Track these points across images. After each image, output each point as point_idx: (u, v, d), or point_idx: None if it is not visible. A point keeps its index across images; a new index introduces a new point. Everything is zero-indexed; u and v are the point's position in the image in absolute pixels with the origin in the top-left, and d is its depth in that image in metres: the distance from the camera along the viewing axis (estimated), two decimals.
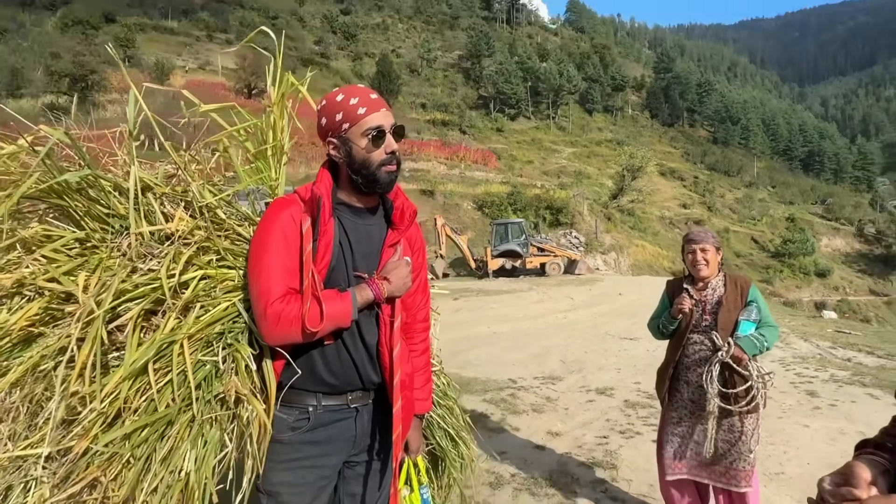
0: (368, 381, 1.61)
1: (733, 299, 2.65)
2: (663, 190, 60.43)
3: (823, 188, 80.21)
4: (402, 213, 1.64)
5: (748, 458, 2.56)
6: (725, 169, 75.08)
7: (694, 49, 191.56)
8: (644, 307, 13.15)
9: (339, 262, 1.55)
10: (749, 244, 54.24)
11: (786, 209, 65.21)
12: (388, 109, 1.55)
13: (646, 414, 4.91)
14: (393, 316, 1.60)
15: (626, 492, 3.43)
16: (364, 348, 1.59)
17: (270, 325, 1.38)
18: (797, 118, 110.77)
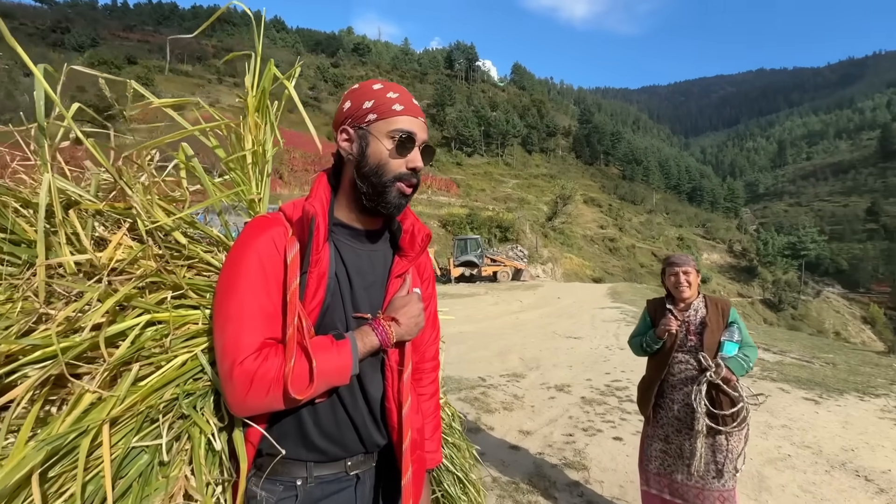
0: (372, 444, 1.02)
1: (716, 320, 2.20)
2: (586, 214, 61.73)
3: (703, 215, 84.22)
4: (412, 236, 1.07)
5: (734, 476, 2.10)
6: (632, 199, 77.66)
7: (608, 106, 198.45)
8: (579, 309, 12.96)
9: (334, 299, 0.96)
10: (650, 257, 55.91)
11: (676, 230, 67.90)
12: (424, 122, 0.99)
13: (602, 410, 4.46)
14: (402, 364, 1.03)
15: (601, 494, 2.93)
16: (366, 405, 1.00)
17: (239, 390, 0.82)
18: (684, 162, 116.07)
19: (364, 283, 1.00)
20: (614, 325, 9.84)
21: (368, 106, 0.93)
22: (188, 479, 0.78)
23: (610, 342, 7.95)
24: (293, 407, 0.88)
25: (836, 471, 3.22)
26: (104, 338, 0.77)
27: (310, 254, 0.90)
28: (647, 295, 18.98)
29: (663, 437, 2.25)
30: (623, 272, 45.37)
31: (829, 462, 3.34)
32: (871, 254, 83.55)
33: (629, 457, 3.41)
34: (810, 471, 3.21)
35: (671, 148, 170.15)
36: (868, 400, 4.74)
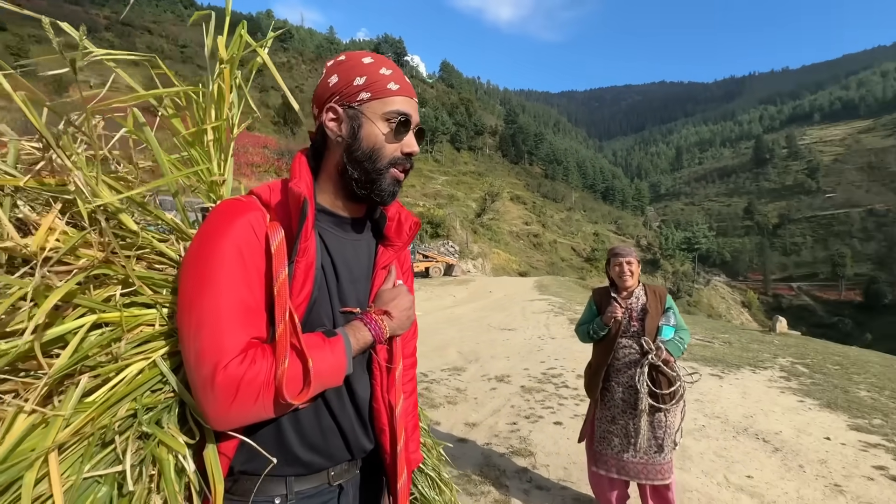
0: (359, 450, 0.94)
1: (655, 306, 2.39)
2: (512, 211, 64.35)
3: (615, 212, 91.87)
4: (398, 225, 1.00)
5: (672, 450, 2.30)
6: (553, 197, 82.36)
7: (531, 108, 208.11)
8: (510, 302, 13.46)
9: (321, 293, 0.87)
10: (570, 251, 59.86)
11: (593, 227, 73.33)
12: (416, 102, 0.91)
13: (541, 398, 4.66)
14: (390, 361, 0.96)
15: (547, 478, 3.05)
16: (353, 408, 0.92)
17: (222, 399, 0.70)
18: (598, 163, 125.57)
19: (350, 275, 0.92)
20: (544, 316, 10.35)
21: (360, 83, 0.84)
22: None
23: (542, 332, 8.35)
24: (281, 415, 0.78)
25: (741, 436, 3.68)
26: (41, 341, 0.64)
27: (298, 242, 0.80)
28: (571, 287, 20.25)
29: (610, 418, 2.39)
30: (546, 266, 48.04)
31: (734, 429, 3.81)
32: (748, 247, 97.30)
33: (569, 440, 3.60)
34: (721, 438, 3.63)
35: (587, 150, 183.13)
36: (759, 372, 5.50)
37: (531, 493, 2.86)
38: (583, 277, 52.34)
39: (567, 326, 8.75)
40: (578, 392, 4.75)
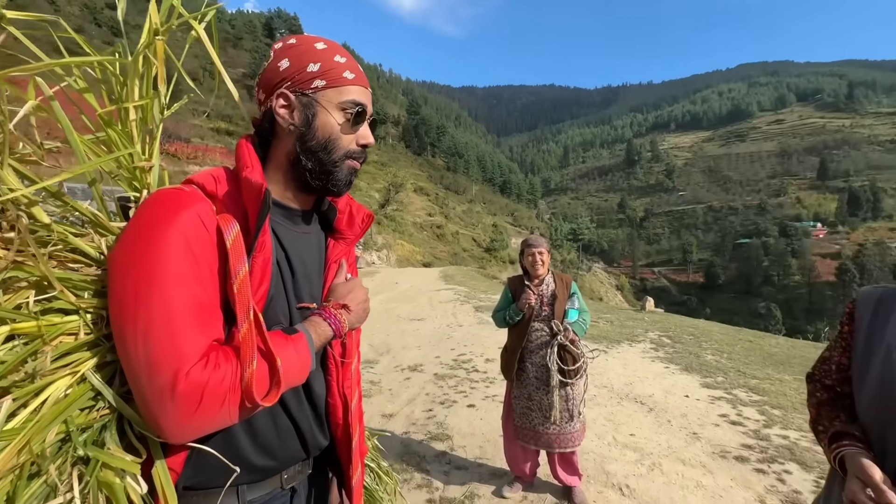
0: (315, 448, 0.92)
1: (562, 292, 2.65)
2: (415, 202, 64.76)
3: (512, 205, 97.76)
4: (350, 217, 0.99)
5: (580, 418, 2.60)
6: (455, 189, 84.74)
7: (433, 101, 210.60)
8: (417, 293, 13.62)
9: (277, 289, 0.84)
10: (472, 242, 62.30)
11: (492, 218, 77.17)
12: (371, 93, 0.90)
13: (453, 383, 4.85)
14: (345, 355, 0.96)
15: (465, 458, 3.22)
16: (310, 405, 0.90)
17: (184, 409, 0.65)
18: (497, 158, 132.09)
19: (305, 269, 0.90)
20: (451, 305, 10.69)
21: (315, 70, 0.81)
22: None
23: (450, 321, 8.64)
24: (243, 420, 0.74)
25: (624, 401, 4.27)
26: None
27: (258, 235, 0.75)
28: (475, 277, 21.15)
29: (527, 395, 2.61)
30: (449, 256, 49.43)
31: (618, 395, 4.41)
32: (621, 237, 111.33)
33: (482, 420, 3.83)
34: (609, 404, 4.17)
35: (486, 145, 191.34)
36: (635, 345, 6.41)
37: (451, 473, 3.00)
38: (483, 267, 55.09)
39: (473, 314, 9.18)
40: (488, 375, 5.05)
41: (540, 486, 2.81)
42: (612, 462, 3.11)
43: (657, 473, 2.98)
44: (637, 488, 2.80)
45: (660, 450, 3.29)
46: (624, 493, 2.76)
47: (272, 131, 0.85)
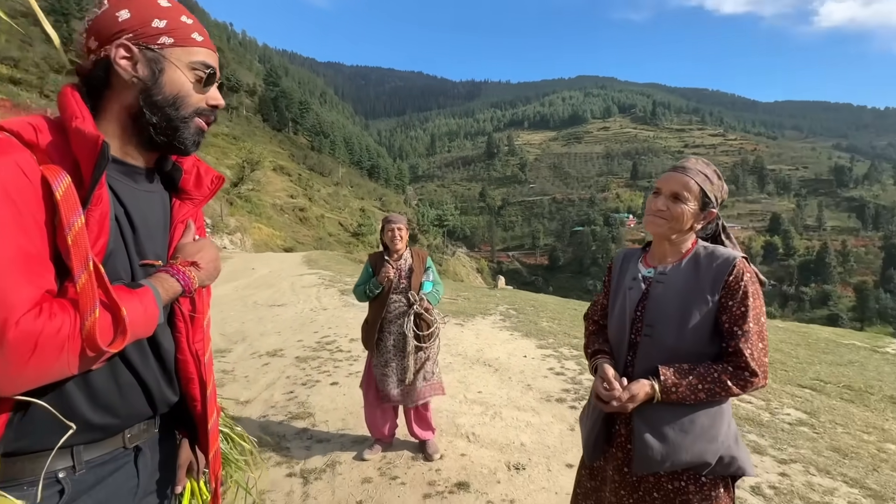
0: (163, 404, 0.94)
1: (419, 266, 2.90)
2: (275, 182, 59.78)
3: (380, 190, 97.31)
4: (198, 178, 1.01)
5: (433, 375, 2.90)
6: (321, 170, 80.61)
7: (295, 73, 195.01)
8: (278, 278, 12.84)
9: (117, 245, 0.83)
10: (338, 226, 60.35)
11: (359, 202, 75.71)
12: (217, 56, 0.93)
13: (317, 364, 4.83)
14: (195, 311, 0.99)
15: (327, 431, 3.30)
16: (157, 361, 0.91)
17: (16, 358, 0.63)
18: (365, 141, 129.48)
19: (147, 227, 0.90)
20: (315, 290, 10.37)
21: (161, 26, 0.82)
22: None
23: (314, 305, 8.41)
24: (85, 370, 0.74)
25: (475, 365, 4.82)
26: None
27: (92, 189, 0.75)
28: (341, 261, 20.67)
29: (384, 362, 2.81)
30: (314, 241, 47.18)
31: (470, 361, 4.95)
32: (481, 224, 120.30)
33: (346, 395, 3.94)
34: (462, 369, 4.67)
35: (354, 126, 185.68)
36: (487, 318, 7.20)
37: (312, 447, 3.06)
38: (350, 252, 54.09)
39: (339, 297, 9.09)
40: (352, 354, 5.14)
41: (398, 445, 3.06)
42: (462, 416, 3.54)
43: (498, 420, 3.50)
44: (481, 434, 3.26)
45: (501, 401, 3.85)
46: (470, 439, 3.19)
47: (106, 82, 0.83)
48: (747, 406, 4.00)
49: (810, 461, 3.00)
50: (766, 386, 1.22)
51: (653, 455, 1.17)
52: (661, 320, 1.23)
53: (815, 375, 5.09)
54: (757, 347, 1.15)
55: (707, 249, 1.26)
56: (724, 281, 1.18)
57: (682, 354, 1.20)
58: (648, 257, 1.37)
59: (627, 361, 1.29)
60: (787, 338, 7.01)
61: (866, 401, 4.35)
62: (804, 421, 3.72)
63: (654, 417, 1.19)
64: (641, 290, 1.30)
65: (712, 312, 1.18)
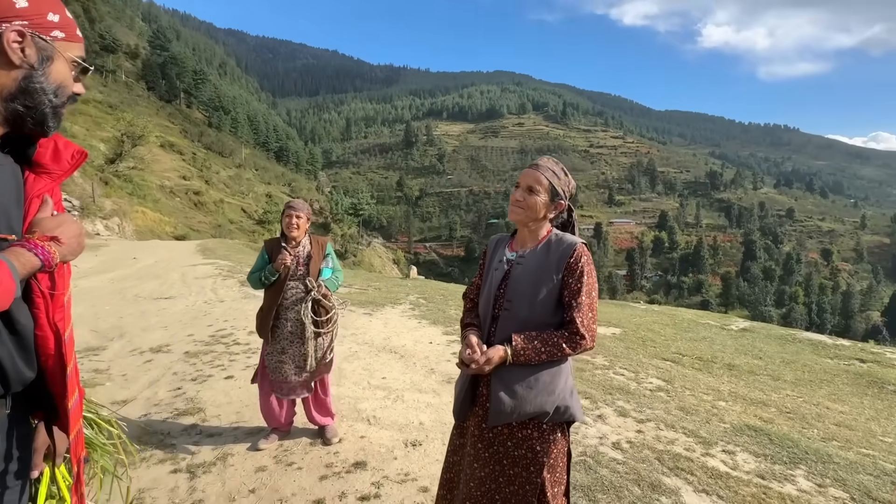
0: (18, 382, 0.94)
1: (318, 253, 2.94)
2: (163, 161, 53.62)
3: (289, 175, 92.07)
4: (56, 152, 1.01)
5: (330, 363, 2.97)
6: (220, 150, 74.01)
7: (189, 37, 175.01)
8: (166, 269, 11.75)
9: None
10: (240, 213, 56.08)
11: (266, 187, 71.08)
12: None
13: (209, 359, 4.61)
14: (54, 288, 0.99)
15: (219, 426, 3.22)
16: (12, 336, 0.91)
17: None
18: (272, 120, 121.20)
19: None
20: (210, 281, 9.69)
21: (55, 20, 0.90)
22: None
23: (209, 297, 7.89)
24: None
25: (381, 353, 4.96)
26: None
27: None
28: (241, 250, 19.37)
29: (280, 350, 2.82)
30: (211, 229, 43.39)
31: (377, 348, 5.08)
32: (398, 214, 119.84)
33: (241, 388, 3.84)
34: (368, 357, 4.78)
35: (260, 104, 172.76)
36: (396, 307, 7.35)
37: (201, 442, 2.97)
38: (255, 241, 50.65)
39: (238, 289, 8.61)
40: (251, 347, 4.98)
41: (296, 433, 3.10)
42: (364, 401, 3.67)
43: (399, 403, 3.68)
44: (382, 417, 3.42)
45: (404, 385, 4.04)
46: (371, 422, 3.33)
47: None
48: (620, 378, 4.66)
49: (661, 419, 3.62)
50: (594, 347, 1.55)
51: (503, 408, 1.41)
52: (517, 296, 1.48)
53: (676, 350, 6.04)
54: (587, 317, 1.43)
55: (558, 236, 1.54)
56: (567, 262, 1.46)
57: (533, 324, 1.46)
58: (514, 243, 1.62)
59: (491, 332, 1.52)
60: (659, 319, 8.17)
61: (710, 368, 5.31)
62: (662, 387, 4.45)
63: (507, 377, 1.43)
64: (504, 270, 1.55)
65: (557, 288, 1.45)
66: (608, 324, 7.36)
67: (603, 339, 6.31)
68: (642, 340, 6.38)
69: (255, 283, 2.86)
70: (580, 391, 4.12)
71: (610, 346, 5.91)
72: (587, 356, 5.36)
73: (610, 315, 8.22)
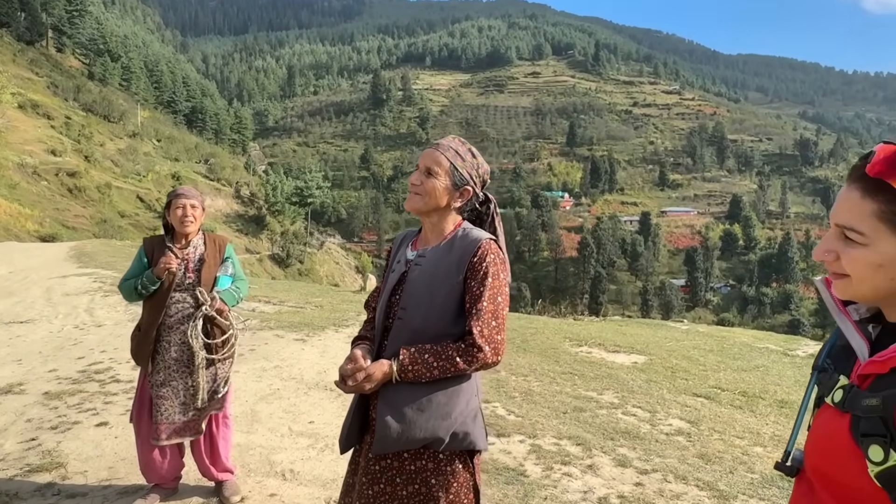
0: None
1: (213, 256, 3.23)
2: (24, 129, 53.39)
3: (206, 147, 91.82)
4: None
5: (224, 397, 3.26)
6: (105, 113, 73.66)
7: None
8: (24, 282, 11.96)
9: None
10: (135, 203, 55.99)
11: (172, 166, 70.84)
12: None
13: (78, 401, 4.86)
14: None
15: (84, 484, 3.48)
16: None
17: None
18: (181, 70, 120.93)
19: None
20: (86, 299, 9.90)
21: None
22: None
23: (82, 320, 8.11)
24: None
25: (312, 390, 5.25)
26: None
27: None
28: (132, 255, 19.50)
29: (162, 382, 3.10)
30: (94, 225, 43.30)
31: (307, 386, 5.38)
32: (363, 202, 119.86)
33: (118, 437, 4.11)
34: (293, 396, 5.07)
35: (164, 46, 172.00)
36: (341, 330, 7.67)
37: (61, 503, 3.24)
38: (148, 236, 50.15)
39: (123, 309, 8.83)
40: (135, 384, 5.21)
41: (186, 491, 3.38)
42: (281, 452, 3.96)
43: (327, 452, 3.97)
44: (302, 470, 3.71)
45: (336, 431, 4.32)
46: (286, 477, 3.62)
47: None
48: (630, 419, 5.01)
49: (671, 469, 3.96)
50: (498, 362, 1.82)
51: (389, 434, 1.70)
52: (412, 303, 1.78)
53: (714, 383, 6.43)
54: (489, 325, 1.73)
55: (465, 231, 1.84)
56: (469, 261, 1.76)
57: (428, 335, 1.75)
58: (418, 240, 1.92)
59: (382, 347, 1.82)
60: (702, 343, 8.59)
61: (754, 406, 5.69)
62: (683, 430, 4.80)
63: (396, 398, 1.73)
64: (401, 272, 1.85)
65: (457, 292, 1.75)
66: (629, 350, 7.74)
67: (618, 369, 6.68)
68: (671, 371, 6.76)
69: (129, 294, 3.13)
70: (572, 436, 4.46)
71: (625, 378, 6.28)
72: (592, 392, 5.70)
73: (635, 338, 8.62)
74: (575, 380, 6.17)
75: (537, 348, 7.62)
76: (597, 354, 7.52)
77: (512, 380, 6.04)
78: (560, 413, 5.05)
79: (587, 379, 6.22)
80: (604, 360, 7.25)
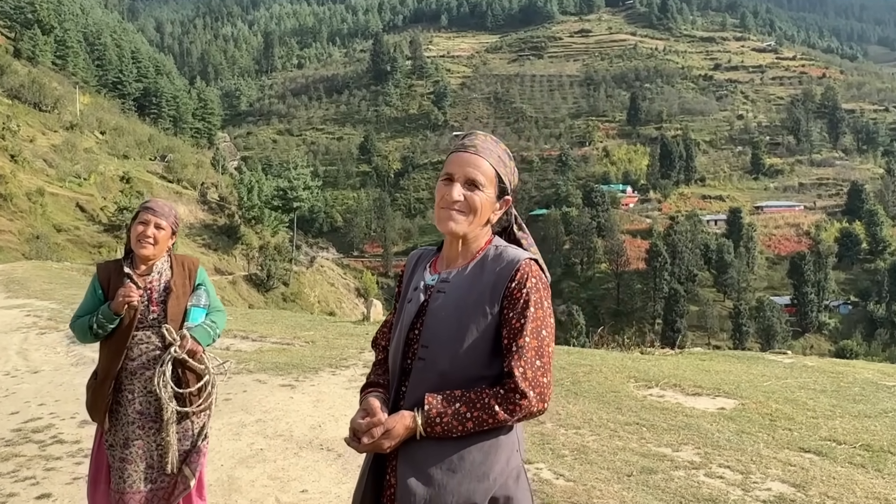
0: None
1: (182, 284, 3.39)
2: None
3: (163, 140, 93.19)
4: None
5: (199, 460, 3.41)
6: (35, 99, 75.48)
7: None
8: None
9: None
10: (74, 213, 57.04)
11: (120, 164, 72.10)
12: None
13: (13, 467, 5.05)
14: None
15: None
16: None
17: None
18: (129, 42, 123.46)
19: None
20: (18, 338, 10.19)
21: None
22: None
23: (14, 365, 8.37)
24: None
25: (304, 450, 5.40)
26: None
27: None
28: (75, 282, 19.99)
29: (123, 441, 3.25)
30: (22, 243, 44.27)
31: (298, 444, 5.52)
32: (364, 205, 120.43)
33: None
34: (280, 458, 5.22)
35: (108, 13, 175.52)
36: (339, 373, 7.83)
37: None
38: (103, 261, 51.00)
39: (65, 349, 9.09)
40: (82, 445, 5.43)
41: None
42: None
43: None
44: None
45: (338, 501, 4.47)
46: None
47: None
48: (715, 483, 5.05)
49: None
50: (546, 411, 1.86)
51: (415, 502, 1.78)
52: (436, 340, 1.86)
53: (828, 434, 6.41)
54: (532, 366, 1.81)
55: (498, 250, 1.94)
56: (506, 288, 1.85)
57: (456, 380, 1.83)
58: (438, 260, 2.04)
59: (400, 394, 1.92)
60: (812, 382, 8.53)
61: (881, 464, 5.67)
62: (786, 496, 4.83)
63: (420, 457, 1.81)
64: (420, 302, 1.96)
65: (493, 327, 1.85)
66: (715, 392, 7.74)
67: (699, 418, 6.69)
68: (770, 419, 6.75)
69: (84, 335, 3.29)
70: (640, 503, 4.52)
71: (709, 429, 6.29)
72: (666, 448, 5.74)
73: (723, 376, 8.59)
74: (643, 432, 6.20)
75: (593, 392, 7.66)
76: (671, 399, 7.52)
77: (560, 433, 6.10)
78: (623, 476, 5.10)
79: (659, 431, 6.24)
80: (681, 405, 7.25)
